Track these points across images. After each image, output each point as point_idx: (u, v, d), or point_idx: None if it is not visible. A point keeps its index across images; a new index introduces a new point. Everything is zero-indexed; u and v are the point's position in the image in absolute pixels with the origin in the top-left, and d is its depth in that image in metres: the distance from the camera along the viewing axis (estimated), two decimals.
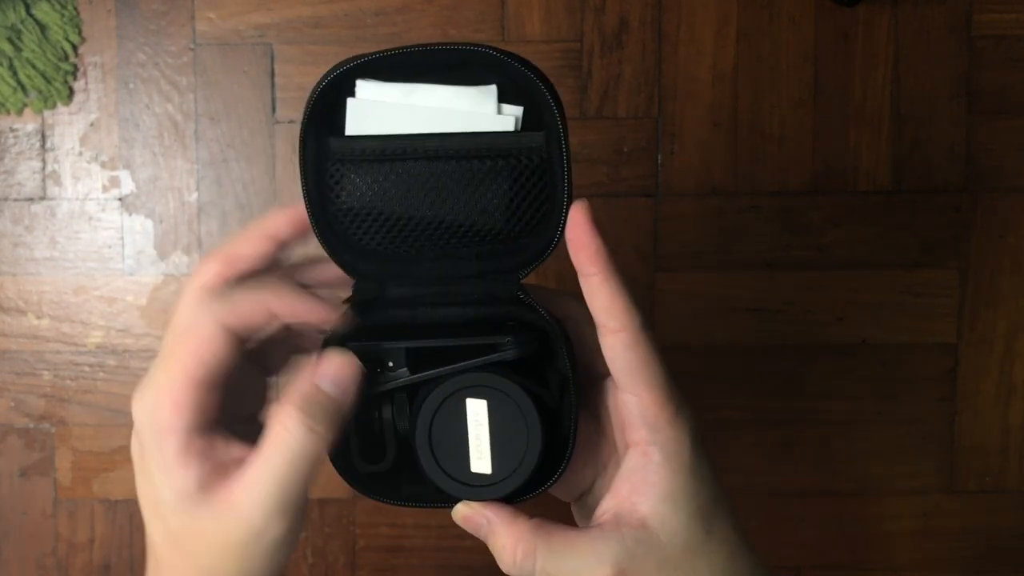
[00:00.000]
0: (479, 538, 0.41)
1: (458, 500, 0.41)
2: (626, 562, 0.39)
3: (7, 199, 0.72)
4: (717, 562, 0.40)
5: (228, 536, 0.37)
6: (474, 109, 0.40)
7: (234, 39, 0.71)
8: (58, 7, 0.70)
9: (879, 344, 0.72)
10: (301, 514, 0.38)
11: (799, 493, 0.73)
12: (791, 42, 0.71)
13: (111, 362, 0.73)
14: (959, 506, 0.73)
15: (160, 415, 0.37)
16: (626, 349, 0.39)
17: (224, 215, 0.72)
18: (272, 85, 0.71)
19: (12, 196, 0.72)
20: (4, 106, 0.71)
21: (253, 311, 0.38)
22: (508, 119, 0.40)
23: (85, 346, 0.73)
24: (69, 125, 0.72)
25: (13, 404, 0.73)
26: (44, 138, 0.72)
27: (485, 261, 0.41)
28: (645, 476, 0.39)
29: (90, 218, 0.72)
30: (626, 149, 0.71)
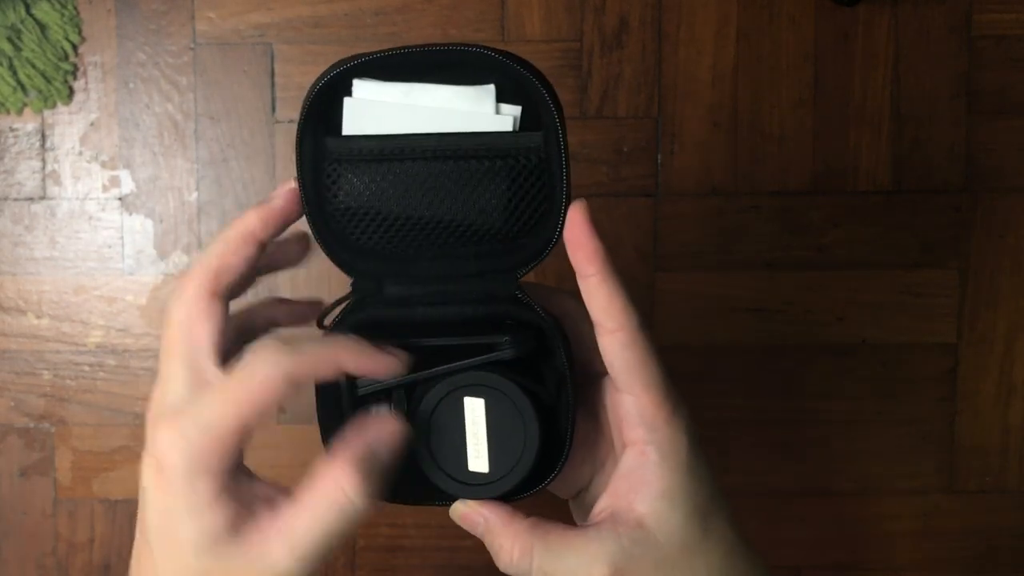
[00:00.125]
0: (477, 537, 0.41)
1: (456, 499, 0.41)
2: (623, 561, 0.39)
3: (7, 199, 0.72)
4: (714, 560, 0.40)
5: None
6: (472, 109, 0.40)
7: (234, 39, 0.71)
8: (58, 7, 0.70)
9: (879, 344, 0.72)
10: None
11: (799, 493, 0.73)
12: (791, 42, 0.71)
13: (111, 362, 0.73)
14: (959, 506, 0.73)
15: (201, 458, 0.36)
16: (623, 348, 0.39)
17: (224, 215, 0.72)
18: (272, 85, 0.71)
19: (12, 196, 0.72)
20: (4, 106, 0.71)
21: (322, 364, 0.37)
22: (506, 119, 0.40)
23: (85, 346, 0.73)
24: (69, 125, 0.72)
25: (13, 404, 0.73)
26: (44, 138, 0.72)
27: (483, 260, 0.41)
28: (642, 475, 0.39)
29: (90, 218, 0.72)
30: (626, 149, 0.71)
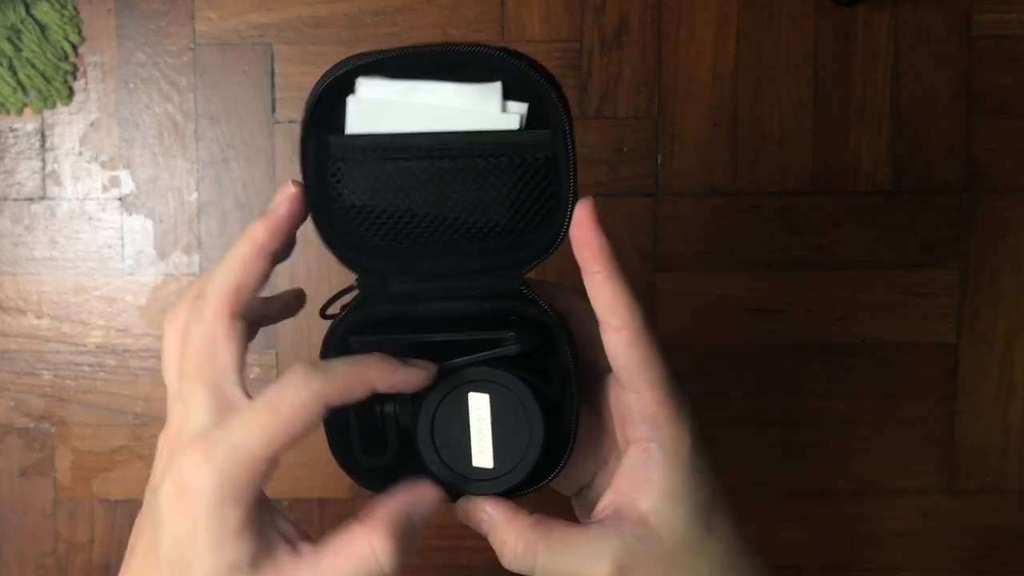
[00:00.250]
0: (480, 534, 0.41)
1: (460, 494, 0.41)
2: (626, 558, 0.39)
3: (7, 199, 0.72)
4: (716, 558, 0.40)
5: None
6: (478, 107, 0.39)
7: (234, 39, 0.71)
8: (58, 7, 0.70)
9: (879, 344, 0.72)
10: None
11: (799, 493, 0.73)
12: (791, 42, 0.71)
13: (111, 362, 0.72)
14: (959, 506, 0.73)
15: (231, 485, 0.35)
16: (628, 347, 0.39)
17: (224, 215, 0.72)
18: (272, 85, 0.71)
19: (12, 196, 0.72)
20: (4, 106, 0.71)
21: (355, 385, 0.37)
22: (513, 117, 0.39)
23: (85, 346, 0.72)
24: (69, 125, 0.72)
25: (13, 404, 0.73)
26: (44, 138, 0.72)
27: (488, 257, 0.41)
28: (645, 473, 0.40)
29: (90, 218, 0.72)
30: (626, 149, 0.71)
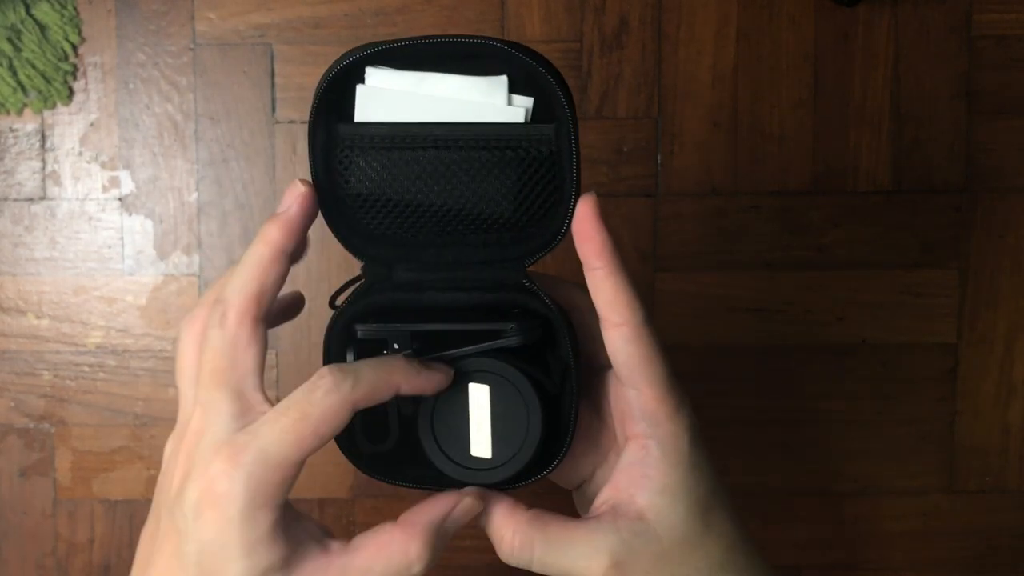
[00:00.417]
0: (479, 528, 0.41)
1: (459, 484, 0.41)
2: (622, 554, 0.39)
3: (7, 199, 0.72)
4: (714, 555, 0.40)
5: None
6: (484, 100, 0.40)
7: (234, 39, 0.71)
8: (58, 7, 0.70)
9: (879, 344, 0.72)
10: None
11: (799, 493, 0.73)
12: (791, 42, 0.71)
13: (111, 362, 0.73)
14: (959, 506, 0.73)
15: (262, 490, 0.36)
16: (627, 343, 0.39)
17: (224, 215, 0.72)
18: (272, 85, 0.71)
19: (12, 196, 0.72)
20: (4, 106, 0.71)
21: (382, 388, 0.38)
22: (518, 110, 0.40)
23: (85, 346, 0.72)
24: (69, 125, 0.72)
25: (13, 404, 0.73)
26: (44, 138, 0.72)
27: (492, 249, 0.42)
28: (643, 469, 0.40)
29: (90, 218, 0.72)
30: (626, 149, 0.71)
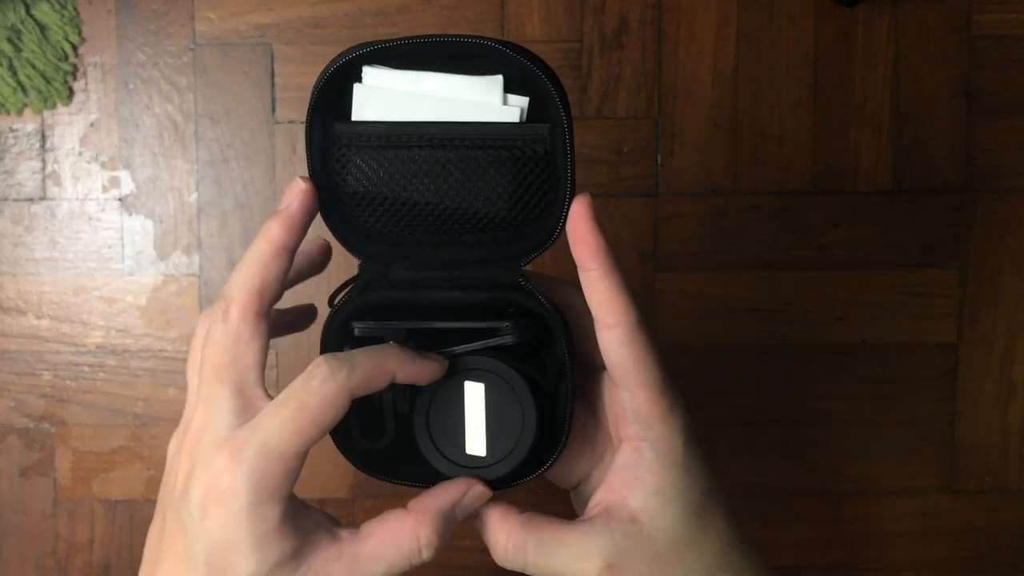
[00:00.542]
0: (475, 531, 0.41)
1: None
2: (615, 556, 0.39)
3: (7, 199, 0.72)
4: (708, 556, 0.40)
5: None
6: (480, 99, 0.40)
7: (234, 39, 0.71)
8: (58, 7, 0.71)
9: (879, 344, 0.72)
10: None
11: (798, 493, 0.73)
12: (791, 42, 0.71)
13: (111, 362, 0.73)
14: (959, 506, 0.73)
15: (268, 484, 0.36)
16: (621, 345, 0.39)
17: (224, 215, 0.72)
18: (272, 85, 0.71)
19: (12, 196, 0.72)
20: (4, 106, 0.71)
21: (378, 376, 0.38)
22: (514, 110, 0.40)
23: (85, 346, 0.73)
24: (69, 125, 0.72)
25: (13, 404, 0.73)
26: (44, 138, 0.72)
27: (488, 248, 0.42)
28: (636, 471, 0.40)
29: (90, 218, 0.72)
30: (626, 149, 0.71)
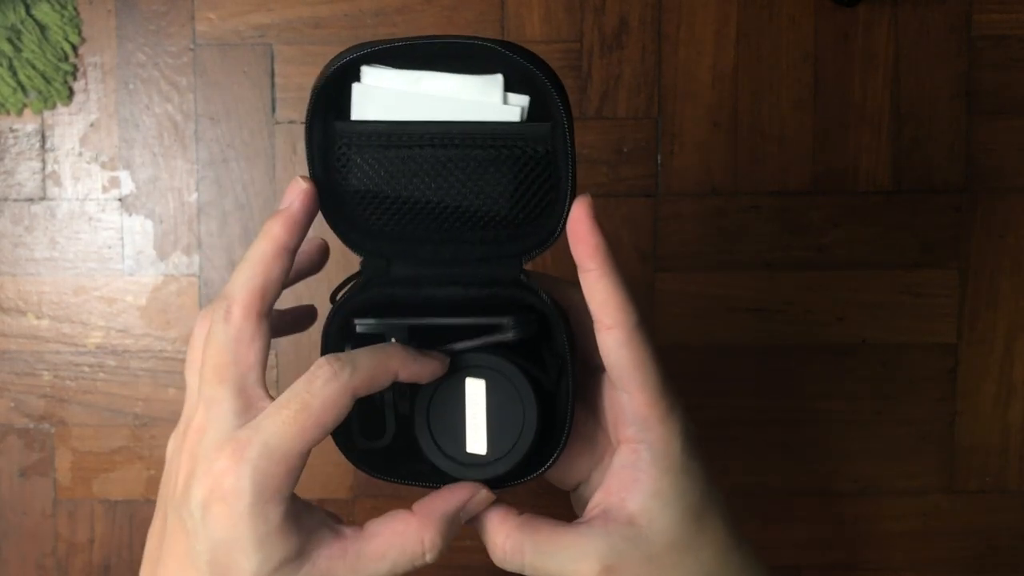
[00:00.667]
0: (474, 532, 0.41)
1: (454, 480, 0.41)
2: (612, 558, 0.39)
3: (7, 199, 0.72)
4: (706, 558, 0.40)
5: None
6: (480, 98, 0.40)
7: (234, 39, 0.71)
8: (58, 7, 0.71)
9: (879, 344, 0.72)
10: None
11: (798, 493, 0.73)
12: (791, 42, 0.71)
13: (111, 362, 0.73)
14: (959, 506, 0.73)
15: (270, 484, 0.36)
16: (620, 346, 0.39)
17: (224, 215, 0.72)
18: (272, 85, 0.71)
19: (12, 196, 0.72)
20: (4, 106, 0.71)
21: (380, 375, 0.38)
22: (514, 109, 0.40)
23: (85, 346, 0.73)
24: (69, 125, 0.72)
25: (13, 404, 0.73)
26: (44, 138, 0.72)
27: (489, 246, 0.42)
28: (634, 473, 0.40)
29: (90, 218, 0.72)
30: (626, 149, 0.71)
